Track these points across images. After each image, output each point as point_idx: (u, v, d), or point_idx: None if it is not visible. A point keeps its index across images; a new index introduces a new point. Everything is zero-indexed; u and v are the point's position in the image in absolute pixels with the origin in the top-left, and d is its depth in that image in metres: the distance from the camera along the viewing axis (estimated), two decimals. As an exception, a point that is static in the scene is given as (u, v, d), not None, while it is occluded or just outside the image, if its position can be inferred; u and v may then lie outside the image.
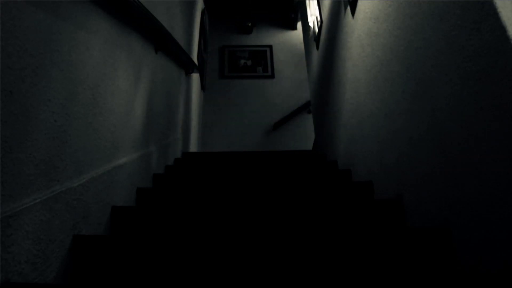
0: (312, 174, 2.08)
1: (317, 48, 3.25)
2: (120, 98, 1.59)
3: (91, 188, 1.27)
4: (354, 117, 2.04)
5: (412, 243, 1.09)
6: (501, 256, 0.83)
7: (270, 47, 5.71)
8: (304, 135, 5.12)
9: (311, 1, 3.60)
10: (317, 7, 3.15)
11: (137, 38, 1.82)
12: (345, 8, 2.13)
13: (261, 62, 5.61)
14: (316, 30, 3.20)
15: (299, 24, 5.30)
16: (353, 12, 1.95)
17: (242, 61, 5.58)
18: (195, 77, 3.86)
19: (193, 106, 3.83)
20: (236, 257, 1.09)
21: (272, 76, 5.51)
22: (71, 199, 1.14)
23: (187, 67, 3.14)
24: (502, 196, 0.82)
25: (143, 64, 1.92)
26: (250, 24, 5.70)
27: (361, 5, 1.81)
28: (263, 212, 1.39)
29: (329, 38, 2.67)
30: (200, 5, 4.27)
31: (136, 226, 1.42)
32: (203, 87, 4.53)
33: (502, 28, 0.80)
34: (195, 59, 3.77)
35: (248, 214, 1.38)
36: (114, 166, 1.49)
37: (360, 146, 1.92)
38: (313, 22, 3.38)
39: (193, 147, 3.73)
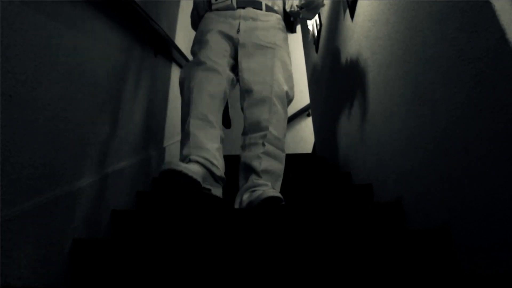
0: (312, 177, 2.07)
1: (316, 51, 3.26)
2: (119, 102, 1.59)
3: (91, 192, 1.27)
4: (353, 120, 2.04)
5: (412, 245, 1.09)
6: (502, 258, 0.83)
7: (269, 50, 5.68)
8: (303, 138, 5.12)
9: (310, 5, 3.60)
10: (316, 10, 3.15)
11: (136, 42, 1.82)
12: (344, 12, 2.13)
13: (260, 65, 5.52)
14: (316, 33, 3.21)
15: (299, 27, 5.30)
16: (352, 16, 1.96)
17: (241, 64, 5.51)
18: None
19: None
20: (235, 258, 1.08)
21: (271, 79, 5.48)
22: (71, 203, 1.14)
23: (187, 70, 3.15)
24: (503, 197, 0.82)
25: (142, 68, 1.93)
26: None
27: (360, 9, 1.81)
28: (263, 213, 1.39)
29: (328, 42, 2.68)
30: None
31: (136, 229, 1.42)
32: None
33: (501, 31, 0.80)
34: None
35: (248, 215, 1.38)
36: (114, 170, 1.49)
37: (360, 149, 1.92)
38: (313, 25, 3.38)
39: (192, 151, 3.72)
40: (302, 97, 5.18)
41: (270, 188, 1.48)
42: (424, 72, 1.16)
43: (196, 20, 1.94)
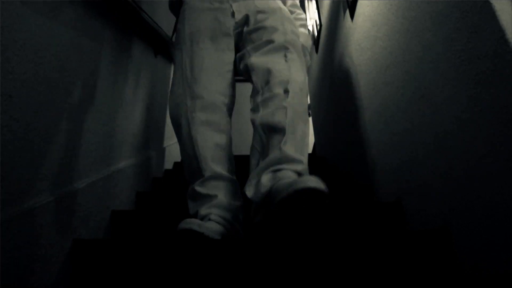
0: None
1: (316, 51, 3.26)
2: (120, 102, 1.59)
3: (91, 192, 1.27)
4: (353, 121, 2.04)
5: (412, 246, 1.09)
6: (503, 258, 0.83)
7: (270, 50, 5.65)
8: (303, 138, 5.11)
9: (310, 5, 3.61)
10: (316, 11, 3.16)
11: (136, 42, 1.82)
12: (344, 12, 2.13)
13: (261, 65, 5.47)
14: (315, 33, 3.21)
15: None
16: (352, 16, 1.96)
17: (242, 65, 5.50)
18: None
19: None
20: (236, 258, 1.08)
21: (271, 80, 5.45)
22: (71, 203, 1.14)
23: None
24: (503, 198, 0.82)
25: (142, 68, 1.93)
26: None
27: (360, 9, 1.81)
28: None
29: (329, 42, 2.68)
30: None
31: (136, 229, 1.42)
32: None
33: (501, 31, 0.80)
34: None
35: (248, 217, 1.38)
36: (114, 170, 1.49)
37: (360, 150, 1.92)
38: (312, 26, 3.38)
39: (192, 151, 3.72)
40: (302, 97, 5.15)
41: (306, 172, 1.07)
42: (424, 72, 1.16)
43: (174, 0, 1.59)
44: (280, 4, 1.45)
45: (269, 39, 1.28)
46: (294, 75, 1.19)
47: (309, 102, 4.44)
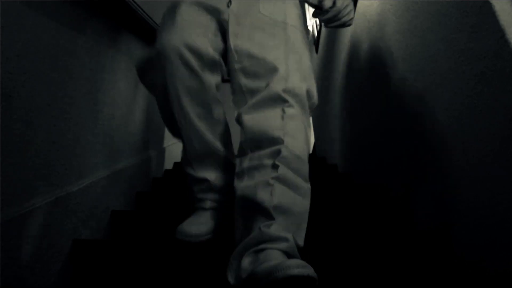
0: (311, 177, 2.07)
1: (316, 51, 3.26)
2: (120, 102, 1.59)
3: (91, 193, 1.27)
4: (353, 121, 2.04)
5: (413, 246, 1.09)
6: (503, 258, 0.83)
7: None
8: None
9: (310, 5, 3.61)
10: (316, 11, 3.16)
11: (136, 42, 1.82)
12: (344, 12, 2.13)
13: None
14: (315, 33, 3.22)
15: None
16: (352, 16, 1.96)
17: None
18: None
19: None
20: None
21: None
22: (71, 203, 1.13)
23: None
24: (502, 198, 0.82)
25: (142, 68, 1.92)
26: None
27: (360, 9, 1.81)
28: None
29: (328, 42, 2.68)
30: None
31: (136, 230, 1.42)
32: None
33: (501, 31, 0.80)
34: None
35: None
36: (114, 171, 1.49)
37: (360, 150, 1.92)
38: (312, 26, 3.39)
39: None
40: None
41: (294, 249, 0.87)
42: (424, 72, 1.16)
43: None
44: (289, 16, 1.15)
45: (266, 84, 1.05)
46: (289, 140, 0.99)
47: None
